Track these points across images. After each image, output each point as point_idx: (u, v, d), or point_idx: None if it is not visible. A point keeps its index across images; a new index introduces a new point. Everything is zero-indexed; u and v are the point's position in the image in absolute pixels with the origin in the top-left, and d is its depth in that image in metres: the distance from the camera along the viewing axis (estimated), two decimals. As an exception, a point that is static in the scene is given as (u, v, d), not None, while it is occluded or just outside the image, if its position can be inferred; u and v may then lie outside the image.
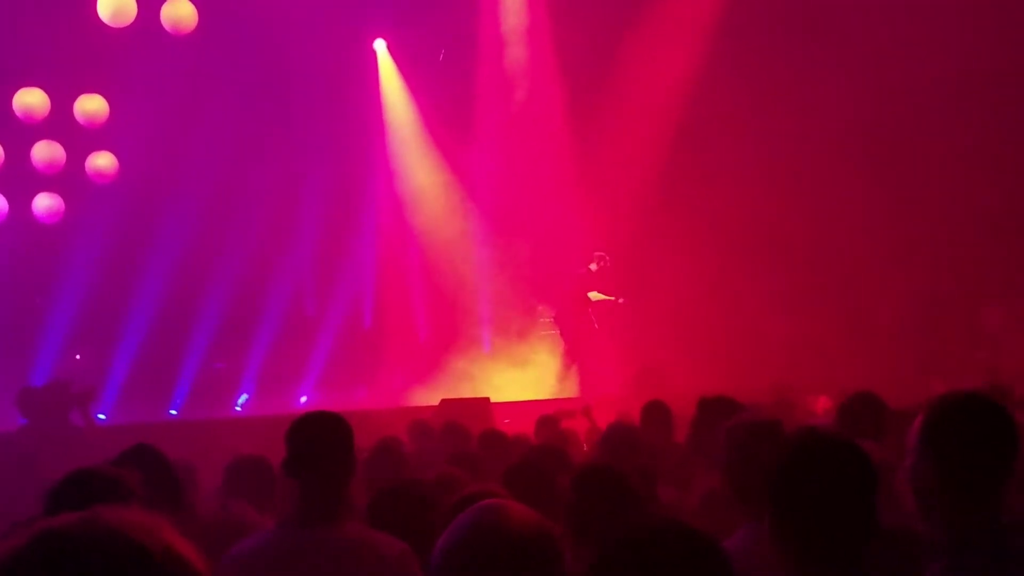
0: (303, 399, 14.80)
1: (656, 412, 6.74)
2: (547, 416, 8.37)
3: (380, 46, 16.18)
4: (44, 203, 14.08)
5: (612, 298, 14.35)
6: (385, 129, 16.20)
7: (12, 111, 13.65)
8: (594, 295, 14.34)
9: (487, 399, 11.73)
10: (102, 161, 14.05)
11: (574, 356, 14.35)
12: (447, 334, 15.47)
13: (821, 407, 8.59)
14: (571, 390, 13.84)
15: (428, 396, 12.95)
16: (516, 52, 15.86)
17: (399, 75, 16.18)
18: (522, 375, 14.60)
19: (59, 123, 13.87)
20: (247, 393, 14.82)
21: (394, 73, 16.20)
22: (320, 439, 3.53)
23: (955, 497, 2.55)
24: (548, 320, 15.03)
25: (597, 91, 15.19)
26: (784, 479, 2.47)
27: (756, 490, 3.17)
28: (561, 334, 14.59)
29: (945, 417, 2.62)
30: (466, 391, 13.40)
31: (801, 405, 8.37)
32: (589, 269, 14.33)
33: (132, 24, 13.11)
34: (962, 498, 2.54)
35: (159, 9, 13.24)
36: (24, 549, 1.18)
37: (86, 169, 14.09)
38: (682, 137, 14.82)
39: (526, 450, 5.79)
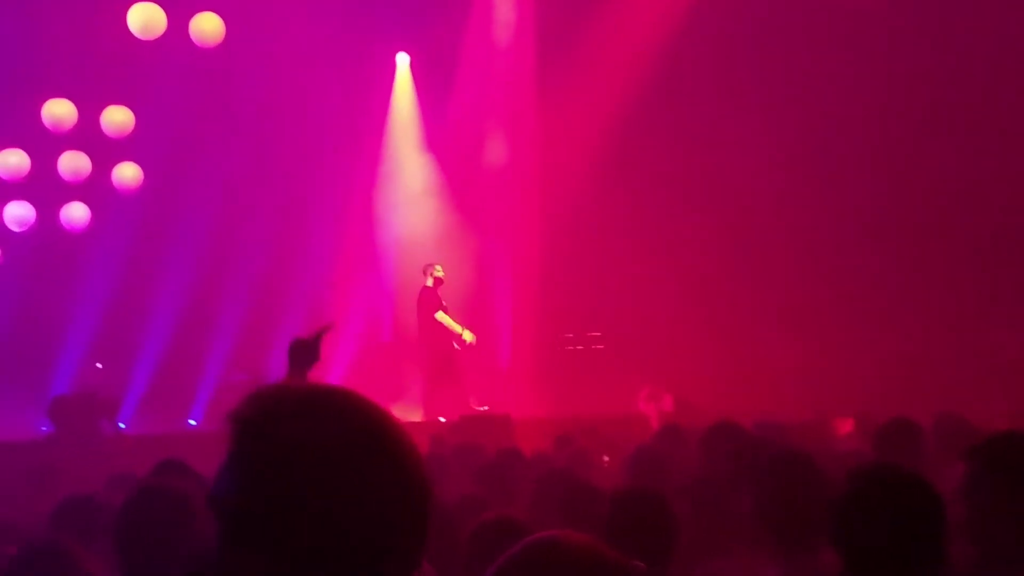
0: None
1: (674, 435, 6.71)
2: (565, 435, 8.29)
3: (402, 59, 16.25)
4: (74, 212, 14.20)
5: (457, 334, 13.06)
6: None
7: (40, 121, 13.79)
8: (441, 317, 13.16)
9: (508, 415, 11.48)
10: (128, 172, 14.14)
11: (436, 378, 13.16)
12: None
13: (844, 431, 8.54)
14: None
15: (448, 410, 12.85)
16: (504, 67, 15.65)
17: (413, 89, 16.17)
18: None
19: (86, 133, 14.00)
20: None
21: (409, 86, 16.21)
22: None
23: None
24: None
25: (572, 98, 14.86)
26: (855, 512, 2.51)
27: (788, 523, 3.17)
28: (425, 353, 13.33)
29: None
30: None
31: (827, 429, 8.32)
32: (425, 285, 13.27)
33: (160, 36, 13.23)
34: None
35: (187, 22, 13.35)
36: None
37: (112, 179, 14.20)
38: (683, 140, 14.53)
39: (546, 471, 5.74)
